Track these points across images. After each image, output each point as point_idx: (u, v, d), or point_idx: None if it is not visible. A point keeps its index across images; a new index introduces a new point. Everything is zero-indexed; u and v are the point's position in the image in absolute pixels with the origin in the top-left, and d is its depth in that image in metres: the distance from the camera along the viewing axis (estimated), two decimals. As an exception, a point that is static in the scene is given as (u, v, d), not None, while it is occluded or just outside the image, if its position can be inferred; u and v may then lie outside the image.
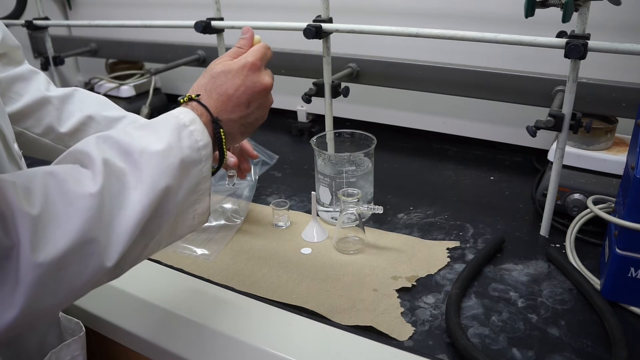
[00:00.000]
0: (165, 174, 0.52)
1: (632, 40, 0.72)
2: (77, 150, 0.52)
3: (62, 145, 0.80)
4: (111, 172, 0.50)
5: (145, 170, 0.52)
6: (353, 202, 0.82)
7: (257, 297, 0.73)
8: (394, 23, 0.90)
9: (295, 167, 1.15)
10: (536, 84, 0.95)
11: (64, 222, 0.46)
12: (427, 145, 1.24)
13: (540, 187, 0.91)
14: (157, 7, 1.53)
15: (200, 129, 0.57)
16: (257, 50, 0.64)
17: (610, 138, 0.90)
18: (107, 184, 0.49)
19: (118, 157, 0.52)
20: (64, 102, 0.81)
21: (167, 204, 0.53)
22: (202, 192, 0.57)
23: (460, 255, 0.81)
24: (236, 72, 0.61)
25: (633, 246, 0.66)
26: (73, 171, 0.50)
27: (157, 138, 0.54)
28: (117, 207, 0.49)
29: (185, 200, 0.56)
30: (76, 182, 0.48)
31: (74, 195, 0.47)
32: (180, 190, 0.54)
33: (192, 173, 0.55)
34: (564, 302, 0.71)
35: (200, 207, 0.58)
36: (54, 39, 1.47)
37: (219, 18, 1.04)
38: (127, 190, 0.50)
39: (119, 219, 0.49)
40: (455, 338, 0.63)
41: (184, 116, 0.57)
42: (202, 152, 0.56)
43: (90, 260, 0.48)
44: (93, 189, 0.48)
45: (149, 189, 0.51)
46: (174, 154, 0.53)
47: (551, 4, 0.69)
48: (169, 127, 0.55)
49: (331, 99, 0.98)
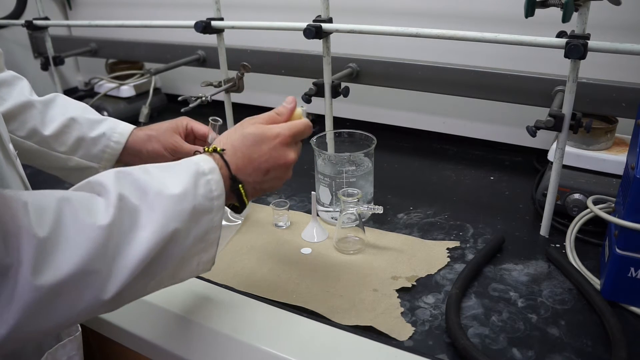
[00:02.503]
0: (176, 217, 0.53)
1: (632, 40, 0.72)
2: (96, 181, 0.53)
3: (47, 147, 0.81)
4: (124, 208, 0.51)
5: (157, 211, 0.52)
6: (353, 202, 0.82)
7: (257, 297, 0.73)
8: (394, 23, 0.90)
9: (295, 167, 1.14)
10: (536, 84, 0.95)
11: (70, 249, 0.46)
12: (427, 145, 1.24)
13: (540, 187, 0.91)
14: (157, 7, 1.53)
15: (217, 179, 0.58)
16: (295, 126, 0.65)
17: (610, 138, 0.90)
18: (118, 218, 0.50)
19: (134, 194, 0.52)
20: (46, 107, 0.82)
21: (173, 247, 0.53)
22: (211, 241, 0.58)
23: (460, 255, 0.81)
24: (267, 139, 0.63)
25: (633, 246, 0.66)
26: (88, 200, 0.51)
27: (174, 181, 0.55)
28: (125, 243, 0.50)
29: (192, 247, 0.56)
30: (89, 211, 0.49)
31: (84, 224, 0.48)
32: (188, 236, 0.55)
33: (202, 221, 0.56)
34: (564, 302, 0.71)
35: (206, 255, 0.58)
36: (54, 39, 1.47)
37: (219, 18, 1.04)
38: (137, 228, 0.51)
39: (124, 254, 0.50)
40: (455, 338, 0.63)
41: (204, 164, 0.58)
42: (215, 202, 0.57)
43: (89, 290, 0.48)
44: (104, 222, 0.49)
45: (158, 230, 0.51)
46: (187, 200, 0.54)
47: (551, 4, 0.69)
48: (188, 173, 0.56)
49: (331, 99, 0.98)
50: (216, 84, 1.01)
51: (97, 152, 0.82)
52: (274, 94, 1.46)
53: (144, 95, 1.51)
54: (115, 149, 0.83)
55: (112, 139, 0.83)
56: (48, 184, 1.08)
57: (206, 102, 0.96)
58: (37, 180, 1.11)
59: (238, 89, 1.06)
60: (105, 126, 0.83)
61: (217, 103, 1.08)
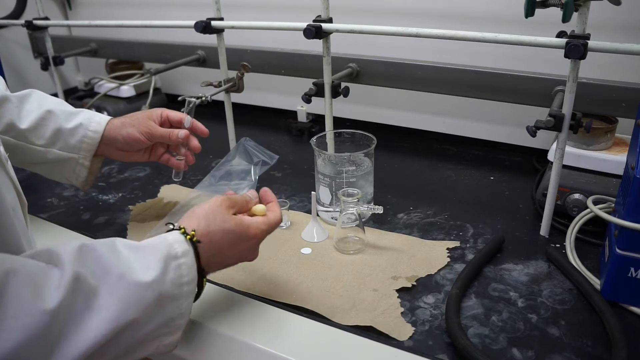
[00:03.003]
0: (135, 307, 0.50)
1: (632, 40, 0.72)
2: (55, 253, 0.49)
3: (24, 141, 0.81)
4: (79, 290, 0.47)
5: (115, 297, 0.49)
6: (353, 202, 0.82)
7: (257, 297, 0.73)
8: (394, 23, 0.90)
9: (295, 167, 1.15)
10: (536, 84, 0.95)
11: (1, 335, 0.42)
12: (427, 145, 1.24)
13: (540, 187, 0.91)
14: (157, 7, 1.53)
15: (190, 264, 0.56)
16: (272, 227, 0.67)
17: (610, 138, 0.90)
18: (68, 301, 0.46)
19: (94, 274, 0.49)
20: (22, 101, 0.82)
21: (128, 335, 0.50)
22: (176, 327, 0.55)
23: (460, 255, 0.81)
24: (245, 239, 0.63)
25: (633, 246, 0.66)
26: (39, 274, 0.46)
27: (142, 266, 0.52)
28: (72, 328, 0.46)
29: (153, 332, 0.53)
30: (35, 290, 0.45)
31: (25, 307, 0.43)
32: (148, 324, 0.52)
33: (167, 308, 0.53)
34: (564, 302, 0.71)
35: (169, 339, 0.55)
36: (54, 39, 1.47)
37: (219, 18, 1.04)
38: (90, 311, 0.47)
39: (70, 340, 0.45)
40: (455, 338, 0.63)
41: (178, 246, 0.56)
42: (185, 288, 0.55)
43: None
44: (49, 305, 0.44)
45: (112, 318, 0.48)
46: (153, 287, 0.51)
47: (551, 4, 0.69)
48: (159, 256, 0.54)
49: (331, 99, 0.98)
50: (216, 84, 1.01)
51: (76, 142, 0.83)
52: (274, 94, 1.46)
53: (144, 95, 1.51)
54: (93, 139, 0.83)
55: (89, 129, 0.83)
56: (46, 186, 1.08)
57: (206, 102, 0.96)
58: (32, 182, 1.11)
59: (238, 89, 1.06)
60: (81, 117, 0.84)
61: (217, 103, 1.08)
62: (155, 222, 0.93)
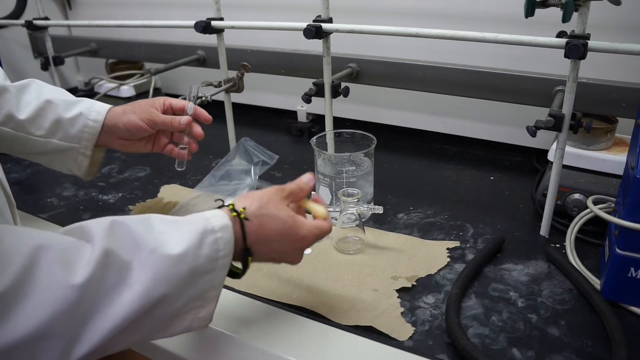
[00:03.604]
0: (166, 282, 0.49)
1: (632, 40, 0.72)
2: (87, 228, 0.49)
3: (23, 132, 0.79)
4: (110, 265, 0.47)
5: (149, 271, 0.48)
6: (353, 202, 0.82)
7: (257, 297, 0.73)
8: (394, 23, 0.90)
9: (295, 167, 1.15)
10: (536, 84, 0.95)
11: (31, 307, 0.42)
12: (427, 145, 1.24)
13: (540, 187, 0.91)
14: (157, 7, 1.53)
15: (227, 239, 0.54)
16: (322, 233, 0.63)
17: (610, 138, 0.90)
18: (98, 276, 0.46)
19: (126, 248, 0.48)
20: (21, 91, 0.81)
21: (159, 310, 0.49)
22: (208, 299, 0.55)
23: (460, 255, 0.81)
24: (293, 237, 0.60)
25: (633, 246, 0.66)
26: (70, 249, 0.47)
27: (176, 239, 0.51)
28: (104, 303, 0.46)
29: (185, 306, 0.52)
30: (66, 266, 0.45)
31: (55, 281, 0.43)
32: (180, 298, 0.51)
33: (200, 282, 0.52)
34: (564, 302, 0.71)
35: (204, 311, 0.55)
36: (54, 39, 1.47)
37: (219, 18, 1.04)
38: (123, 286, 0.47)
39: (102, 314, 0.45)
40: (455, 338, 0.63)
41: (215, 220, 0.54)
42: (219, 262, 0.54)
43: (46, 355, 0.43)
44: (78, 279, 0.44)
45: (144, 293, 0.47)
46: (186, 262, 0.50)
47: (551, 4, 0.69)
48: (194, 230, 0.52)
49: (331, 99, 0.98)
50: (216, 84, 1.01)
51: (76, 132, 0.81)
52: (274, 94, 1.46)
53: (144, 95, 1.51)
54: (94, 128, 0.81)
55: (89, 118, 0.81)
56: (46, 186, 1.08)
57: (206, 102, 0.96)
58: (32, 182, 1.11)
59: (238, 89, 1.06)
60: (81, 106, 0.82)
61: (217, 103, 1.08)
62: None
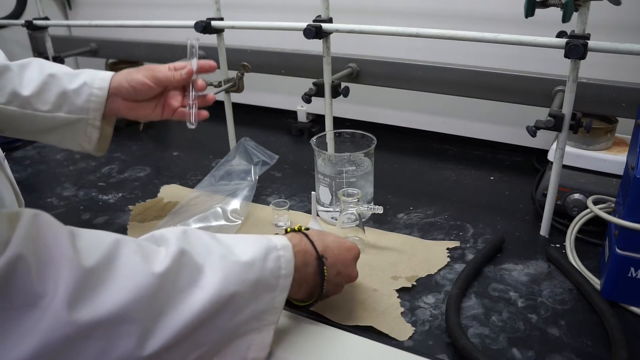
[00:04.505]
0: (235, 285, 0.50)
1: (632, 40, 0.72)
2: (160, 235, 0.52)
3: (30, 109, 0.78)
4: (184, 264, 0.49)
5: (219, 273, 0.49)
6: (353, 202, 0.82)
7: (257, 297, 0.73)
8: (394, 23, 0.90)
9: (295, 167, 1.15)
10: (536, 84, 0.95)
11: (114, 289, 0.43)
12: (427, 145, 1.24)
13: (540, 187, 0.91)
14: (157, 7, 1.53)
15: (289, 258, 0.56)
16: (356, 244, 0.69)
17: (610, 138, 0.90)
18: (175, 271, 0.47)
19: (198, 252, 0.50)
20: (23, 69, 0.80)
21: (224, 319, 0.50)
22: (267, 322, 0.55)
23: (460, 255, 0.81)
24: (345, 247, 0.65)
25: (633, 246, 0.66)
26: (147, 248, 0.49)
27: (244, 249, 0.53)
28: (178, 299, 0.47)
29: (246, 323, 0.52)
30: (145, 257, 0.47)
31: (136, 267, 0.45)
32: (245, 308, 0.52)
33: (262, 298, 0.53)
34: (564, 302, 0.71)
35: (259, 338, 0.54)
36: (54, 39, 1.47)
37: (219, 18, 1.04)
38: (195, 287, 0.48)
39: (173, 310, 0.46)
40: (455, 338, 0.63)
41: (276, 240, 0.57)
42: (281, 281, 0.55)
43: (124, 341, 0.43)
44: (158, 269, 0.46)
45: (216, 292, 0.49)
46: (254, 270, 0.52)
47: (551, 4, 0.69)
48: (260, 244, 0.55)
49: (331, 99, 0.98)
50: (216, 84, 1.01)
51: (82, 102, 0.80)
52: (274, 94, 1.46)
53: (144, 95, 1.51)
54: (99, 96, 0.81)
55: (94, 86, 0.81)
56: (46, 186, 1.08)
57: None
58: (32, 182, 1.11)
59: (238, 89, 1.06)
60: (85, 76, 0.82)
61: (217, 103, 1.08)
62: (155, 222, 0.93)
